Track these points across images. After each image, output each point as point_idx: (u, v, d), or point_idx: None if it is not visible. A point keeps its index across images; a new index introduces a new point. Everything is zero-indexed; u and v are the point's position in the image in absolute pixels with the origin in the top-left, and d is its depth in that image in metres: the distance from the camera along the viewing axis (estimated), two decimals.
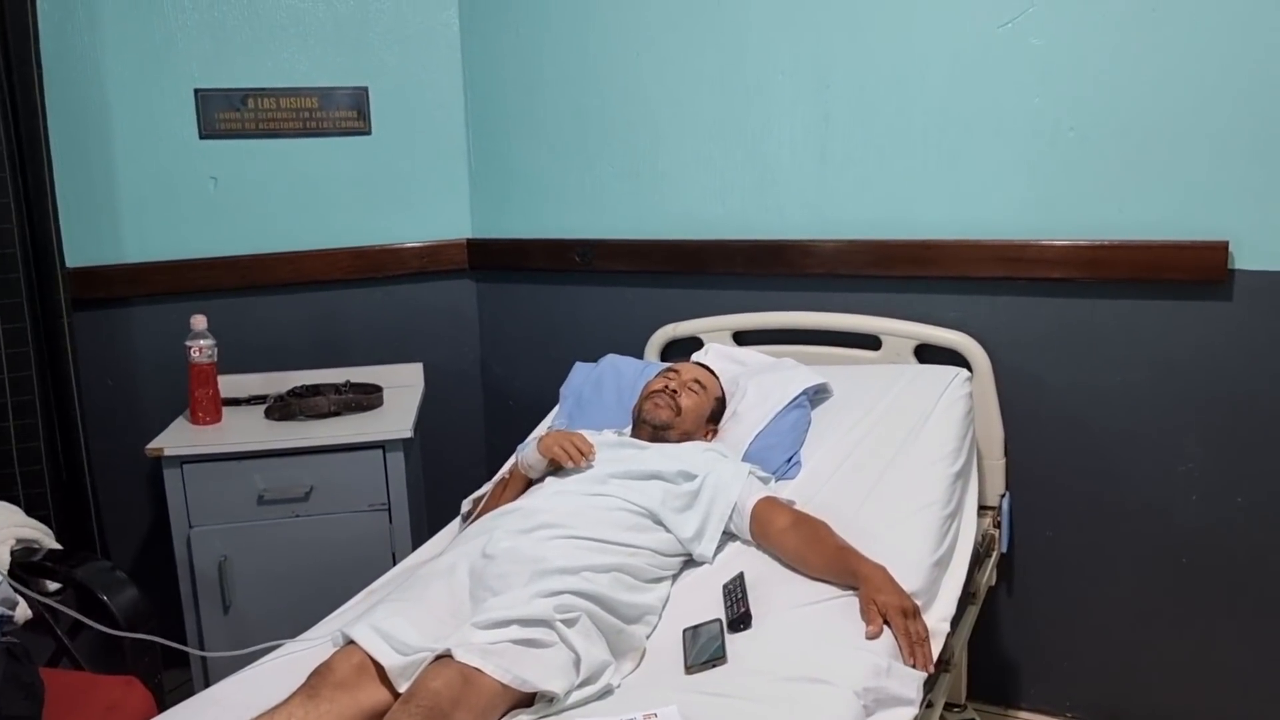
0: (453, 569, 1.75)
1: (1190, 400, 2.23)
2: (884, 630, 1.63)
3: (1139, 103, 2.16)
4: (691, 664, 1.60)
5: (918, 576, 1.80)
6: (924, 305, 2.44)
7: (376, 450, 2.48)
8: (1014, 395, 2.37)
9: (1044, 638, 2.48)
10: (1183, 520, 2.28)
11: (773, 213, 2.57)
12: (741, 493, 1.95)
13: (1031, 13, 2.22)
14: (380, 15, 2.83)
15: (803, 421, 2.26)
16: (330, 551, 2.47)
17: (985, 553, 2.23)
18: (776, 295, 2.59)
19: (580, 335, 2.87)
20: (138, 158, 2.70)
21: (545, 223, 2.88)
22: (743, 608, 1.69)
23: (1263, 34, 2.04)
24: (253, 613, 2.46)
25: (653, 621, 1.75)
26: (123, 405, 2.75)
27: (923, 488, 2.03)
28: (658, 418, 2.16)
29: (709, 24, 2.56)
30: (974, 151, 2.33)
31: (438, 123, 2.93)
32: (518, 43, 2.82)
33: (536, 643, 1.52)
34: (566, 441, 2.03)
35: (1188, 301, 2.19)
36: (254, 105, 2.77)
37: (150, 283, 2.74)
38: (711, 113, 2.60)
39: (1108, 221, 2.22)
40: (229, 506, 2.44)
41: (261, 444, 2.45)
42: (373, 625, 1.57)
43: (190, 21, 2.69)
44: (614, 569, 1.74)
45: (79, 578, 1.93)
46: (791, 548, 1.85)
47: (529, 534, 1.78)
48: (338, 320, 2.93)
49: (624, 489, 1.94)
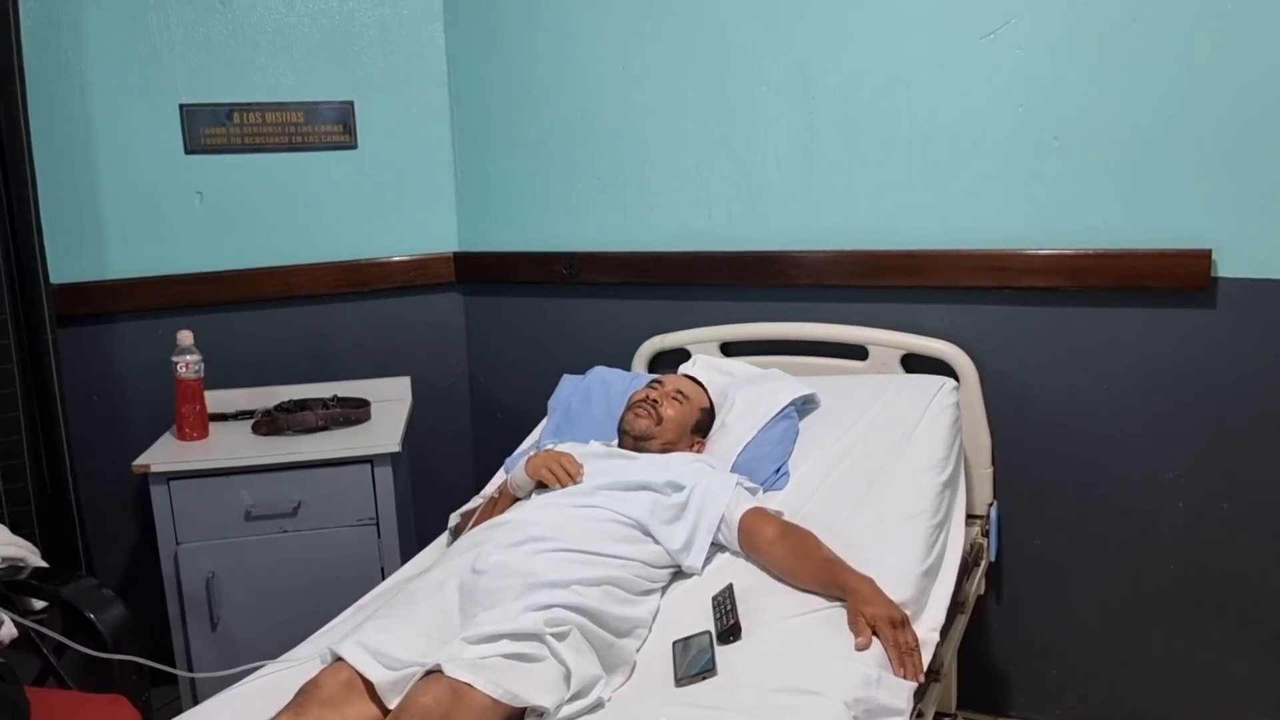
0: (442, 584, 1.74)
1: (1175, 407, 2.24)
2: (873, 641, 1.63)
3: (1122, 112, 2.18)
4: (681, 676, 1.60)
5: (907, 586, 1.80)
6: (910, 315, 2.45)
7: (364, 465, 2.47)
8: (1001, 404, 2.38)
9: (1033, 646, 2.49)
10: (1169, 527, 2.29)
11: (759, 224, 2.58)
12: (729, 504, 1.95)
13: (1014, 24, 2.24)
14: (366, 30, 2.83)
15: (790, 432, 2.26)
16: (319, 567, 2.46)
17: (974, 562, 2.24)
18: (763, 306, 2.60)
19: (568, 347, 2.86)
20: (123, 173, 2.69)
21: (532, 236, 2.88)
22: (732, 619, 1.69)
23: (1244, 43, 2.05)
24: (241, 629, 2.45)
25: (643, 634, 1.75)
26: (108, 422, 2.74)
27: (911, 497, 2.04)
28: (637, 427, 2.15)
29: (693, 37, 2.57)
30: (958, 161, 2.34)
31: (424, 136, 2.93)
32: (503, 56, 2.82)
33: (527, 657, 1.52)
34: (554, 463, 2.01)
35: (1172, 309, 2.21)
36: (240, 120, 2.77)
37: (136, 298, 2.73)
38: (696, 125, 2.60)
39: (1092, 230, 2.24)
40: (216, 523, 2.43)
41: (249, 459, 2.44)
42: (360, 642, 1.56)
43: (176, 37, 2.69)
44: (604, 582, 1.74)
45: (65, 596, 1.92)
46: (779, 559, 1.85)
47: (518, 547, 1.78)
48: (325, 334, 2.93)
49: (612, 500, 1.93)
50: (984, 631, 2.52)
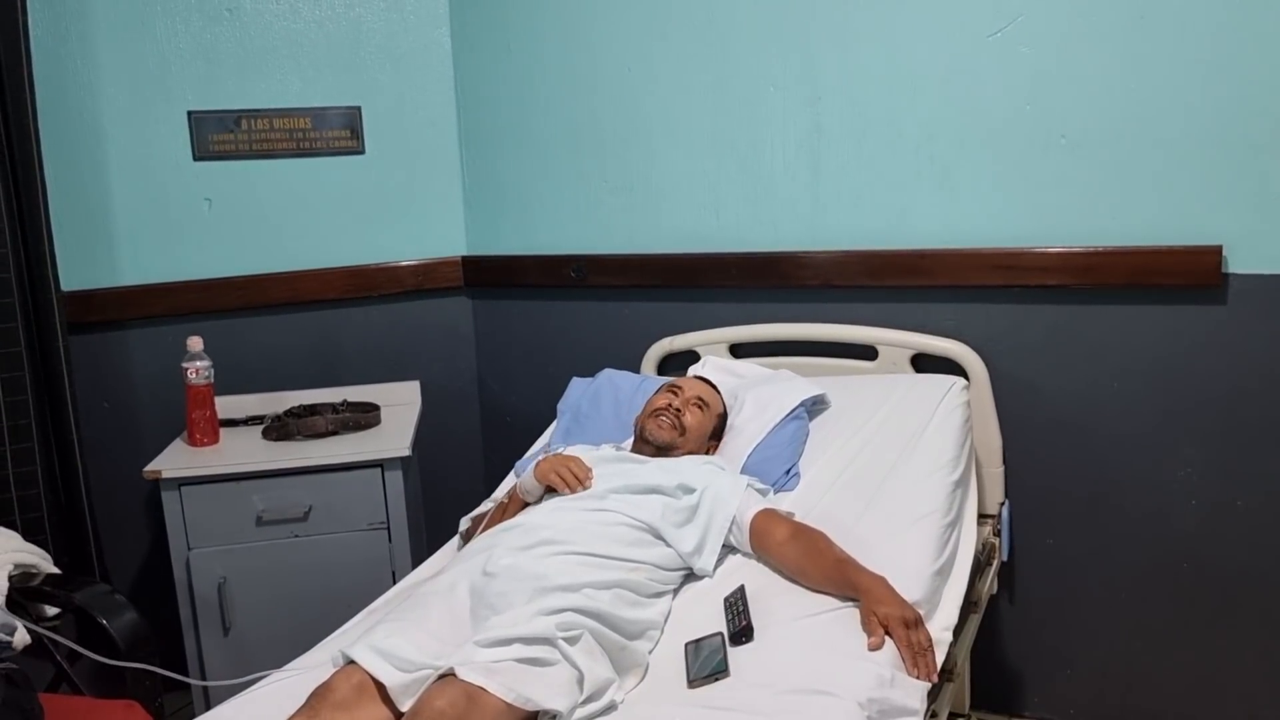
0: (453, 588, 1.74)
1: (1187, 405, 2.23)
2: (886, 641, 1.62)
3: (1130, 109, 2.17)
4: (694, 678, 1.59)
5: (919, 586, 1.79)
6: (919, 314, 2.44)
7: (375, 469, 2.48)
8: (1011, 403, 2.38)
9: (1046, 645, 2.48)
10: (1182, 525, 2.28)
11: (767, 225, 2.58)
12: (740, 505, 1.94)
13: (1021, 21, 2.24)
14: (372, 35, 2.84)
15: (801, 433, 2.25)
16: (330, 571, 2.46)
17: (986, 561, 2.23)
18: (772, 307, 2.59)
19: (576, 350, 2.86)
20: (132, 180, 2.70)
21: (540, 239, 2.88)
22: (744, 620, 1.69)
23: (1251, 38, 2.05)
24: (252, 634, 2.45)
25: (655, 637, 1.74)
26: (120, 428, 2.75)
27: (922, 497, 2.03)
28: (661, 438, 2.13)
29: (700, 39, 2.57)
30: (966, 160, 2.34)
31: (431, 141, 2.93)
32: (510, 60, 2.82)
33: (540, 661, 1.52)
34: (564, 468, 2.00)
35: (1183, 306, 2.20)
36: (247, 126, 2.78)
37: (146, 305, 2.74)
38: (703, 127, 2.60)
39: (1101, 228, 2.23)
40: (228, 528, 2.43)
41: (259, 465, 2.44)
42: (372, 645, 1.56)
43: (183, 44, 2.70)
44: (615, 585, 1.74)
45: (78, 602, 1.93)
46: (791, 560, 1.85)
47: (529, 551, 1.77)
48: (334, 339, 2.93)
49: (624, 504, 1.93)
50: (997, 631, 2.51)
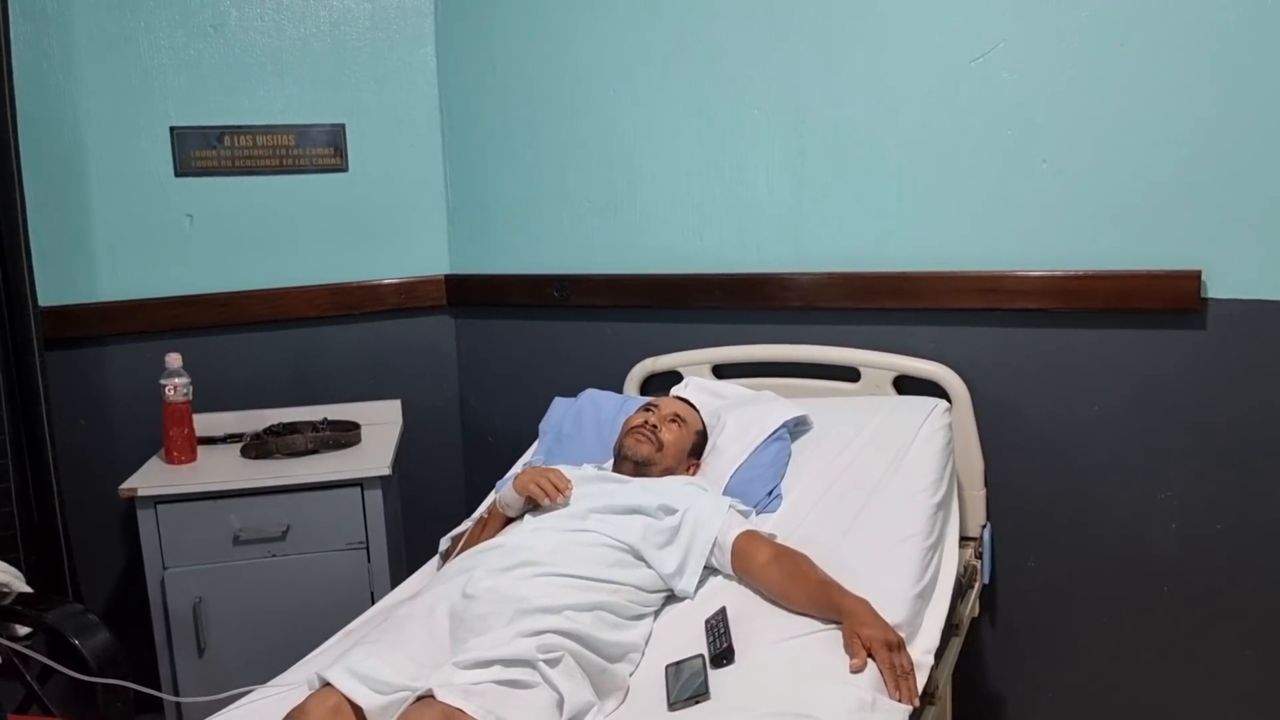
0: (432, 610, 1.73)
1: (1167, 428, 2.24)
2: (868, 664, 1.62)
3: (1111, 135, 2.19)
4: (674, 700, 1.58)
5: (900, 609, 1.79)
6: (902, 337, 2.45)
7: (354, 488, 2.46)
8: (993, 426, 2.38)
9: (1028, 668, 2.48)
10: (1163, 548, 2.28)
11: (750, 247, 2.58)
12: (722, 527, 1.94)
13: (1003, 47, 2.25)
14: (357, 52, 2.84)
15: (783, 454, 2.25)
16: (307, 591, 2.44)
17: (968, 584, 2.23)
18: (755, 328, 2.60)
19: (559, 370, 2.86)
20: (112, 195, 2.68)
21: (523, 258, 2.88)
22: (725, 643, 1.68)
23: (1231, 66, 2.07)
24: (228, 655, 2.42)
25: (636, 659, 1.73)
26: (96, 445, 2.72)
27: (904, 519, 2.03)
28: (639, 453, 2.14)
29: (685, 61, 2.58)
30: (948, 184, 2.35)
31: (415, 159, 2.93)
32: (495, 80, 2.83)
33: (519, 683, 1.50)
34: (543, 479, 2.00)
35: (1163, 330, 2.21)
36: (230, 143, 2.77)
37: (124, 321, 2.71)
38: (688, 148, 2.61)
39: (1082, 252, 2.24)
40: (204, 547, 2.41)
41: (237, 483, 2.42)
42: (348, 667, 1.54)
43: (166, 59, 2.69)
44: (596, 607, 1.72)
45: (49, 621, 1.89)
46: (773, 582, 1.84)
47: (509, 572, 1.76)
48: (315, 357, 2.91)
49: (605, 524, 1.92)
50: (978, 654, 2.50)
